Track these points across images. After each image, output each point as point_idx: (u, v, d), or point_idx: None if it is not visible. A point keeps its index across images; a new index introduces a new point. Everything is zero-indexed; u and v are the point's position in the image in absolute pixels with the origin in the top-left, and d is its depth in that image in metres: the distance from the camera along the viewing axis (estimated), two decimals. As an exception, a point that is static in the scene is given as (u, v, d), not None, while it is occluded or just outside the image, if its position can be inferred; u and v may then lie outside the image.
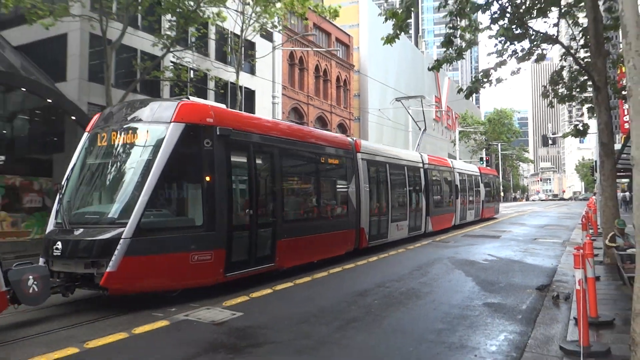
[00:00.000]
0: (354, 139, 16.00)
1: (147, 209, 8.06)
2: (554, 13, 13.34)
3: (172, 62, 24.58)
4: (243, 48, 27.08)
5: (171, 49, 22.33)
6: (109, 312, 7.67)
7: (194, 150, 9.04)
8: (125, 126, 9.27)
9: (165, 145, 8.46)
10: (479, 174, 30.07)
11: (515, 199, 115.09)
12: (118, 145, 9.23)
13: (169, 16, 22.44)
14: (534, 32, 12.95)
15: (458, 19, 12.64)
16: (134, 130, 9.10)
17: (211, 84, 28.51)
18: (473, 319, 7.47)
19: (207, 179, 8.98)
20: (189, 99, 9.90)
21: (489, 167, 40.03)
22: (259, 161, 10.62)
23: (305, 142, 12.76)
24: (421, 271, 11.90)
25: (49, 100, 20.13)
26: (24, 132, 24.11)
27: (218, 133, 9.20)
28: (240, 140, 9.94)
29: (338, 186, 14.13)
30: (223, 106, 10.49)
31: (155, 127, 8.89)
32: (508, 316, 7.68)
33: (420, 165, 20.75)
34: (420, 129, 26.81)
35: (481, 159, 66.98)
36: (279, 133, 11.73)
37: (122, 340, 6.43)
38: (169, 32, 22.66)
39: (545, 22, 13.02)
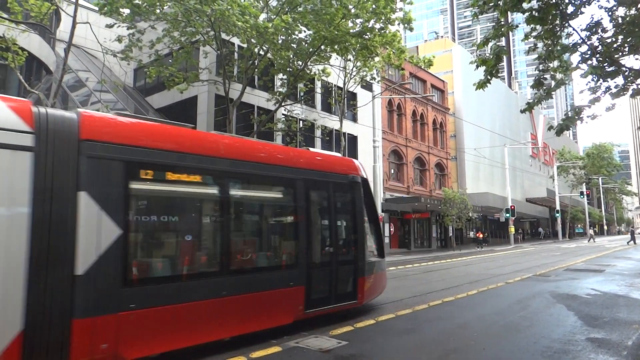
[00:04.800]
0: None
1: None
2: None
3: (283, 114, 25.59)
4: (345, 99, 27.57)
5: (283, 103, 23.28)
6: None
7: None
8: None
9: None
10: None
11: (619, 233, 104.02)
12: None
13: (280, 75, 23.54)
14: (626, 69, 11.73)
15: (547, 61, 11.87)
16: None
17: (318, 132, 29.22)
18: (575, 354, 6.71)
19: None
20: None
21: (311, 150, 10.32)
22: None
23: None
24: (521, 305, 10.85)
25: (183, 152, 21.68)
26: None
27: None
28: None
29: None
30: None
31: None
32: (613, 352, 6.82)
33: None
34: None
35: (581, 193, 61.66)
36: None
37: (242, 363, 6.50)
38: (280, 89, 23.72)
39: (637, 58, 11.72)
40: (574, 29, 11.20)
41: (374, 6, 19.62)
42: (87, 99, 22.42)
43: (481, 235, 42.23)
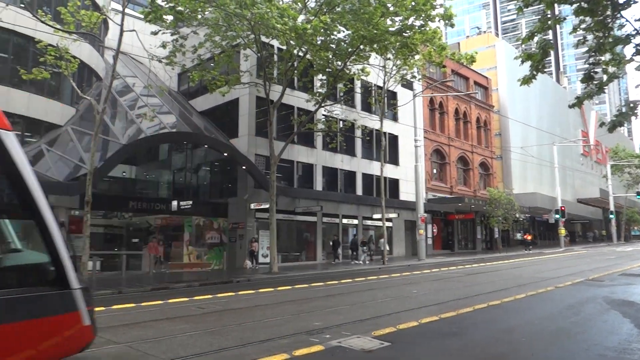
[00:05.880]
0: None
1: None
2: None
3: (323, 115, 25.72)
4: (385, 98, 27.46)
5: (322, 104, 23.42)
6: (272, 334, 7.92)
7: None
8: None
9: None
10: None
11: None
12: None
13: (320, 76, 23.70)
14: (685, 61, 11.10)
15: (598, 54, 11.42)
16: None
17: (358, 132, 29.22)
18: (632, 364, 6.33)
19: None
20: None
21: None
22: None
23: None
24: (573, 310, 10.44)
25: (225, 154, 22.27)
26: (206, 180, 26.93)
27: None
28: None
29: None
30: None
31: None
32: (674, 363, 6.38)
33: None
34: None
35: (638, 193, 58.71)
36: None
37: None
38: (320, 90, 23.87)
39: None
40: (626, 20, 10.77)
41: (413, 3, 19.48)
42: (134, 103, 23.32)
43: (529, 237, 41.00)
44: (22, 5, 18.73)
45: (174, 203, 22.41)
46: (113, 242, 22.34)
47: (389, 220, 29.01)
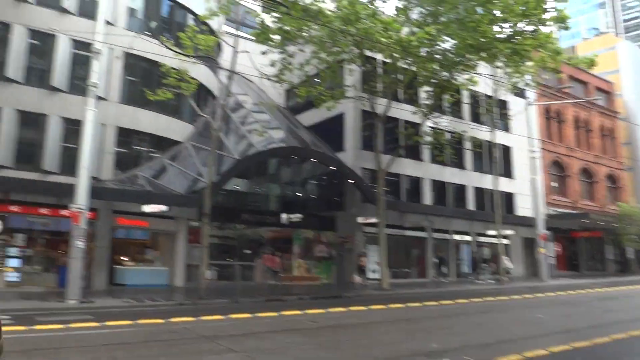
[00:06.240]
0: None
1: None
2: None
3: (430, 127, 24.99)
4: (496, 108, 26.04)
5: (429, 116, 22.77)
6: (387, 354, 7.60)
7: None
8: None
9: None
10: None
11: None
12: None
13: (425, 87, 23.13)
14: None
15: None
16: None
17: (467, 144, 27.98)
18: None
19: None
20: None
21: None
22: None
23: None
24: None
25: (332, 168, 22.45)
26: (314, 194, 27.31)
27: None
28: None
29: None
30: None
31: None
32: None
33: None
34: None
35: None
36: None
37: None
38: (426, 102, 23.26)
39: None
40: None
41: (522, 8, 18.27)
42: (244, 119, 24.44)
43: (669, 259, 36.15)
44: (148, 34, 20.59)
45: (284, 216, 22.94)
46: (226, 253, 23.33)
47: (504, 237, 27.27)
